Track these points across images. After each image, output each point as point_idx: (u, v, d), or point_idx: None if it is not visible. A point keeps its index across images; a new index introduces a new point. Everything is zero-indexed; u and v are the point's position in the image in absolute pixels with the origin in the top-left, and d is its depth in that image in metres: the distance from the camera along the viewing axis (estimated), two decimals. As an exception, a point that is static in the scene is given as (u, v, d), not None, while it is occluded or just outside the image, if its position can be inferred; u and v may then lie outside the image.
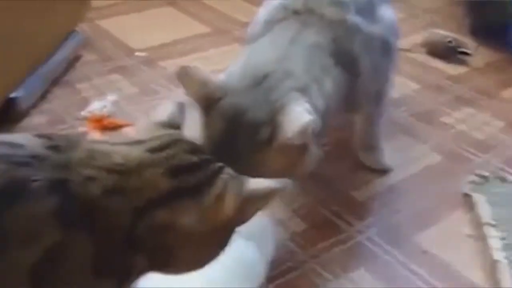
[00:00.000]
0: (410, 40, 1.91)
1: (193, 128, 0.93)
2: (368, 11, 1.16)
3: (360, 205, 1.24)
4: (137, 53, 1.81)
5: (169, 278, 0.78)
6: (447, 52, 1.86)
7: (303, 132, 0.91)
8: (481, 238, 1.14)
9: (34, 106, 1.50)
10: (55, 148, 0.67)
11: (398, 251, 1.12)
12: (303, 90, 0.98)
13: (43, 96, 1.55)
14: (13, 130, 1.38)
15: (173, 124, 0.78)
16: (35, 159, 0.65)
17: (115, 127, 1.41)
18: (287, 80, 0.98)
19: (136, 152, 0.71)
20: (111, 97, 1.49)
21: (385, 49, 1.19)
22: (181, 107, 0.81)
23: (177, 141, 0.74)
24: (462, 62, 1.84)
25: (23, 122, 1.44)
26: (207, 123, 0.95)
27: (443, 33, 1.92)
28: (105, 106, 1.44)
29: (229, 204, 0.72)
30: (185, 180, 0.71)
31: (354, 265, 1.09)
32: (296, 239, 1.15)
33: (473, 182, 1.26)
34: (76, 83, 1.63)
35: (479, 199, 1.21)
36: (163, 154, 0.72)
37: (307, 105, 0.95)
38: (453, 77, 1.77)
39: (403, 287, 1.05)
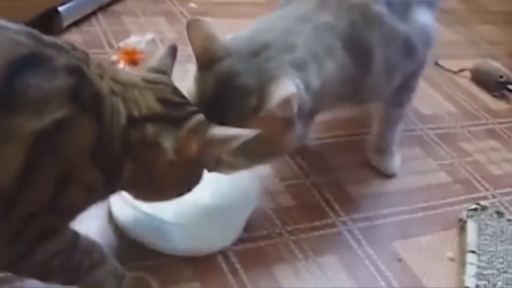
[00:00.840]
0: (460, 63, 1.88)
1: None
2: (401, 8, 1.11)
3: (353, 200, 1.24)
4: (191, 4, 1.83)
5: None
6: (494, 85, 1.82)
7: (284, 104, 0.91)
8: (461, 264, 1.13)
9: (76, 24, 1.54)
10: (69, 48, 0.75)
11: (374, 251, 1.12)
12: (300, 66, 0.97)
13: (87, 18, 1.59)
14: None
15: (161, 70, 0.86)
16: (60, 48, 0.73)
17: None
18: (286, 53, 0.97)
19: (136, 78, 0.82)
20: (149, 36, 1.52)
21: (408, 52, 1.14)
22: (171, 51, 0.89)
23: (167, 83, 0.85)
24: (507, 99, 1.80)
25: (61, 36, 1.48)
26: (201, 79, 0.95)
27: (497, 66, 1.88)
28: (140, 42, 1.47)
29: (195, 142, 0.81)
30: (171, 111, 0.82)
31: (326, 251, 1.10)
32: (280, 212, 1.16)
33: (471, 209, 1.24)
34: (122, 15, 1.66)
35: (472, 226, 1.20)
36: (155, 86, 0.83)
37: (297, 81, 0.94)
38: (492, 110, 1.73)
39: (366, 285, 1.05)
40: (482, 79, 1.85)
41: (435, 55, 1.83)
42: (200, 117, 0.84)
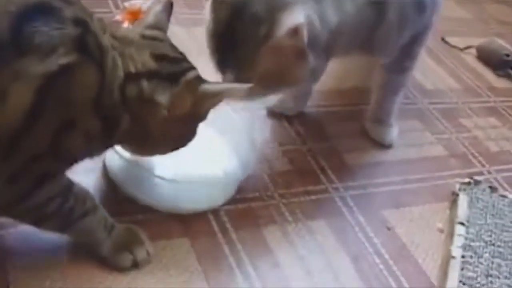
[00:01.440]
0: (467, 40, 1.88)
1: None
2: None
3: (347, 168, 1.25)
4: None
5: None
6: (499, 64, 1.82)
7: (293, 33, 0.92)
8: (450, 235, 1.14)
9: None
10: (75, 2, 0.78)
11: (364, 218, 1.13)
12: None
13: (94, -23, 1.59)
14: None
15: (158, 26, 0.89)
16: (67, 1, 0.75)
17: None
18: None
19: (133, 34, 0.86)
20: (155, -3, 1.52)
21: (419, 7, 1.16)
22: (167, 7, 0.91)
23: (165, 40, 0.88)
24: (510, 78, 1.80)
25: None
26: (215, 8, 0.97)
27: (503, 44, 1.87)
28: (145, 3, 1.47)
29: (189, 98, 0.84)
30: (166, 67, 0.84)
31: (316, 216, 1.11)
32: (274, 176, 1.17)
33: (464, 183, 1.25)
34: (130, -24, 1.66)
35: (463, 199, 1.21)
36: (152, 42, 0.85)
37: (311, 11, 0.96)
38: (495, 88, 1.73)
39: (354, 250, 1.07)
40: (488, 57, 1.84)
41: (442, 31, 1.83)
42: (194, 73, 0.87)
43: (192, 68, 0.88)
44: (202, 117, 0.90)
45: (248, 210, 1.08)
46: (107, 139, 0.83)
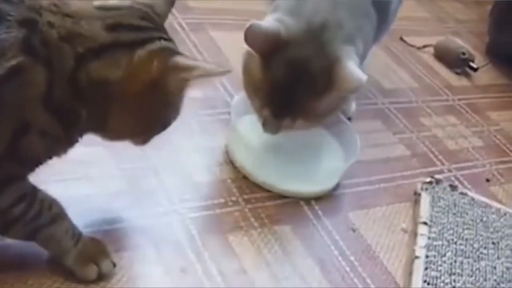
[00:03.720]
0: (425, 39, 1.91)
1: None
2: None
3: (311, 170, 1.26)
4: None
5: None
6: (456, 62, 1.85)
7: (359, 87, 1.08)
8: (413, 235, 1.16)
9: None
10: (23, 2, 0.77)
11: (329, 221, 1.14)
12: (351, 41, 1.11)
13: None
14: None
15: (147, 4, 0.85)
16: (13, 3, 0.75)
17: None
18: (339, 32, 1.10)
19: (87, 7, 0.80)
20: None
21: None
22: None
23: (132, 8, 0.83)
24: (467, 76, 1.84)
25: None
26: (269, 67, 1.06)
27: (460, 43, 1.90)
28: None
29: (155, 66, 0.79)
30: (122, 36, 0.80)
31: (282, 220, 1.12)
32: (239, 182, 1.17)
33: (426, 182, 1.27)
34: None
35: (425, 199, 1.23)
36: (107, 12, 0.81)
37: (356, 58, 1.10)
38: (452, 87, 1.76)
39: (319, 253, 1.08)
40: (445, 56, 1.88)
41: (400, 31, 1.85)
42: (168, 44, 0.83)
43: (166, 39, 0.83)
44: (174, 95, 0.85)
45: (213, 216, 1.08)
46: (68, 135, 0.81)
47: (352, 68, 1.06)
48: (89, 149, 0.94)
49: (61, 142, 0.82)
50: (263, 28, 1.05)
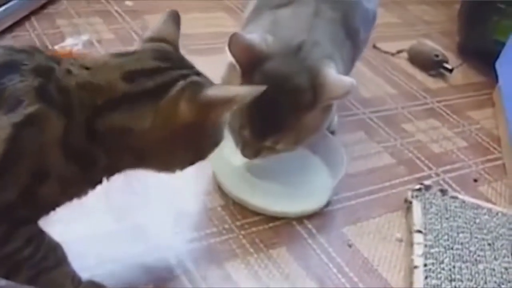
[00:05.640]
0: (397, 45, 1.92)
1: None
2: None
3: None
4: (127, 2, 1.81)
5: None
6: (430, 64, 1.87)
7: (349, 91, 1.07)
8: (409, 244, 1.15)
9: (9, 31, 1.50)
10: (40, 51, 0.81)
11: (324, 238, 1.14)
12: (330, 57, 1.12)
13: (20, 23, 1.55)
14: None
15: (158, 37, 0.86)
16: (27, 52, 0.79)
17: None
18: (317, 49, 1.11)
19: (103, 57, 0.82)
20: (84, 37, 1.50)
21: (371, 21, 1.37)
22: (172, 16, 0.90)
23: (146, 50, 0.84)
24: (442, 77, 1.85)
25: (-5, 43, 1.45)
26: (250, 82, 1.04)
27: (432, 45, 1.92)
28: (77, 44, 1.44)
29: (184, 108, 0.79)
30: (142, 84, 0.79)
31: (277, 243, 1.11)
32: (230, 208, 1.16)
33: (416, 189, 1.27)
34: (56, 18, 1.63)
35: (417, 206, 1.23)
36: (123, 59, 0.81)
37: (336, 69, 1.10)
38: (430, 89, 1.78)
39: (318, 272, 1.07)
40: (419, 59, 1.89)
41: (373, 38, 1.86)
42: (191, 79, 0.82)
43: (187, 75, 0.82)
44: (216, 126, 0.86)
45: (208, 247, 1.07)
46: (88, 179, 0.82)
47: (335, 75, 1.08)
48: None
49: (79, 185, 0.82)
50: (247, 38, 1.06)
